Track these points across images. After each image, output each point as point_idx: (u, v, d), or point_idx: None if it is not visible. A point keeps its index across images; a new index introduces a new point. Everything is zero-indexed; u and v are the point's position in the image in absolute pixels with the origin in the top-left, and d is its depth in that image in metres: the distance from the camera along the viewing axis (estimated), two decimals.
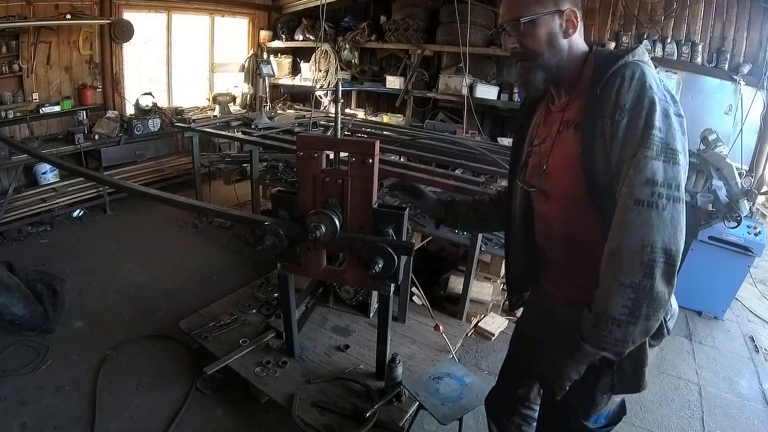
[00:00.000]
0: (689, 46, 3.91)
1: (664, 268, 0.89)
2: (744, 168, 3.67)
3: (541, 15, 1.01)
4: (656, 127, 0.90)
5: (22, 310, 2.53)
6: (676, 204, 0.89)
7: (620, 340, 0.93)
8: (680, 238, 0.90)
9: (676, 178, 0.90)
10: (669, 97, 0.94)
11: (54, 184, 4.13)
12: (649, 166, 0.89)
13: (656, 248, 0.88)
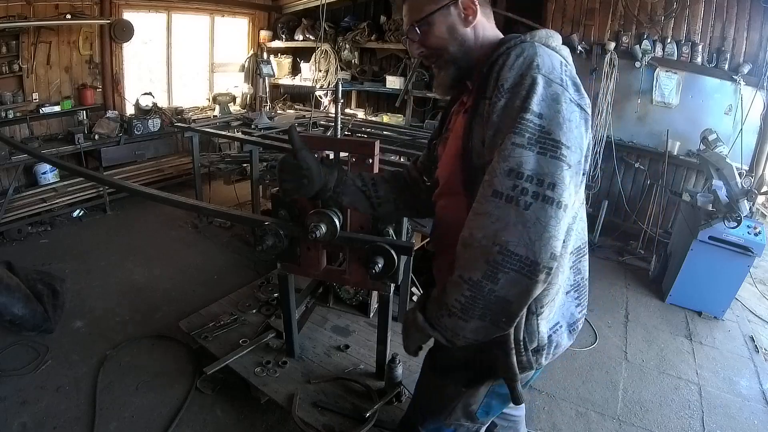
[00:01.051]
0: (689, 46, 3.91)
1: (513, 276, 0.76)
2: (744, 168, 3.67)
3: (435, 11, 0.96)
4: (533, 111, 0.78)
5: (22, 310, 2.52)
6: (548, 206, 0.75)
7: (450, 330, 0.86)
8: (547, 247, 0.74)
9: (552, 175, 0.76)
10: (569, 83, 0.82)
11: (54, 184, 4.13)
12: (515, 155, 0.77)
13: (507, 250, 0.75)
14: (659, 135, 4.11)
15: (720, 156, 3.26)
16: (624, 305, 3.38)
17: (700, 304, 3.30)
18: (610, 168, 4.34)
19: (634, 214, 4.34)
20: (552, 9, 4.40)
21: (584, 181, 0.94)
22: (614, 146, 4.26)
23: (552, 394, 2.45)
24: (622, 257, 4.12)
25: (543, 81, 0.79)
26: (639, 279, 3.77)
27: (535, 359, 0.97)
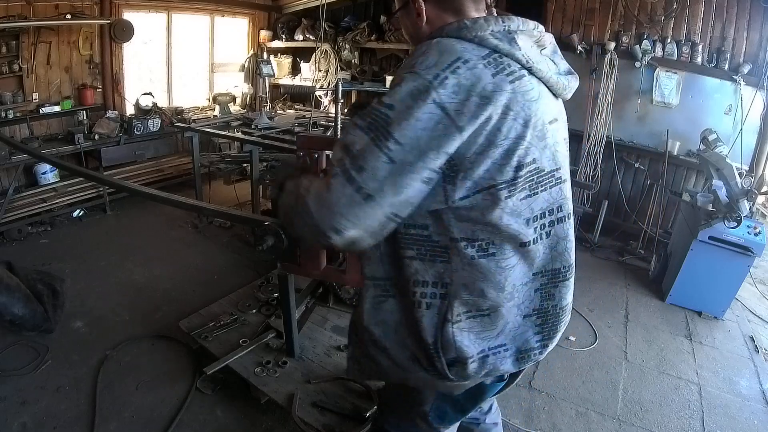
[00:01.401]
0: (689, 46, 3.91)
1: (303, 224, 0.84)
2: (744, 168, 3.67)
3: (399, 8, 1.05)
4: (386, 103, 0.81)
5: (22, 310, 2.52)
6: (348, 184, 0.78)
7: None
8: (329, 219, 0.79)
9: (365, 160, 0.78)
10: (449, 84, 0.79)
11: (54, 184, 4.13)
12: (352, 133, 0.82)
13: (305, 202, 0.84)
14: (659, 135, 4.11)
15: (720, 156, 3.26)
16: (624, 305, 3.38)
17: (700, 304, 3.30)
18: (610, 168, 4.34)
19: (634, 214, 4.34)
20: (552, 9, 4.40)
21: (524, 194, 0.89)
22: (614, 146, 4.26)
23: (552, 394, 2.45)
24: (622, 257, 4.12)
25: (411, 78, 0.81)
26: (639, 279, 3.77)
27: (454, 371, 0.95)
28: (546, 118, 0.92)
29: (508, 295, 0.93)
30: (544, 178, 0.93)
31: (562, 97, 1.02)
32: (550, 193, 0.95)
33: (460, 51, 0.83)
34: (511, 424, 2.20)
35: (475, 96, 0.80)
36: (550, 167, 0.94)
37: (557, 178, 0.97)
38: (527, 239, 0.92)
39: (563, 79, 0.98)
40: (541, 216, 0.94)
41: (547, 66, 0.94)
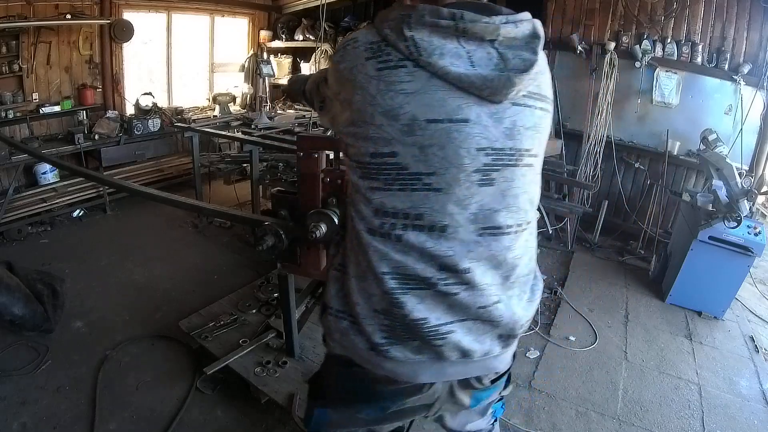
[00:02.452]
0: (689, 46, 3.91)
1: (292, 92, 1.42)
2: (744, 168, 3.67)
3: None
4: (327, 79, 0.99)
5: (22, 310, 2.52)
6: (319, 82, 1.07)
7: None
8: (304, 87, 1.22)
9: (322, 81, 1.03)
10: (335, 59, 0.94)
11: (54, 184, 4.12)
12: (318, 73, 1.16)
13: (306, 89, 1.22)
14: (659, 135, 4.11)
15: (720, 156, 3.26)
16: (624, 305, 3.38)
17: (700, 304, 3.30)
18: (610, 168, 4.34)
19: (634, 214, 4.34)
20: (552, 9, 4.40)
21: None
22: (614, 146, 4.26)
23: (552, 394, 2.45)
24: (622, 257, 4.12)
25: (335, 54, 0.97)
26: (639, 279, 3.77)
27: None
28: (427, 115, 0.81)
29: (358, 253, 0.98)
30: (405, 177, 0.84)
31: (491, 99, 0.83)
32: (412, 196, 0.85)
33: (361, 34, 0.89)
34: (511, 424, 2.20)
35: (340, 74, 0.89)
36: (417, 169, 0.83)
37: (425, 184, 0.84)
38: (374, 228, 0.89)
39: (496, 78, 0.81)
40: (393, 214, 0.87)
41: (458, 62, 0.80)
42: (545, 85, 0.92)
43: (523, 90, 0.85)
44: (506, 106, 0.85)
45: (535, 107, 0.89)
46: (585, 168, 4.39)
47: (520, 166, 0.90)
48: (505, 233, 0.92)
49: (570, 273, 3.75)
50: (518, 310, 0.97)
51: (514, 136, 0.87)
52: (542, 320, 3.08)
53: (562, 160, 4.40)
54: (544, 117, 0.93)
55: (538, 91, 0.89)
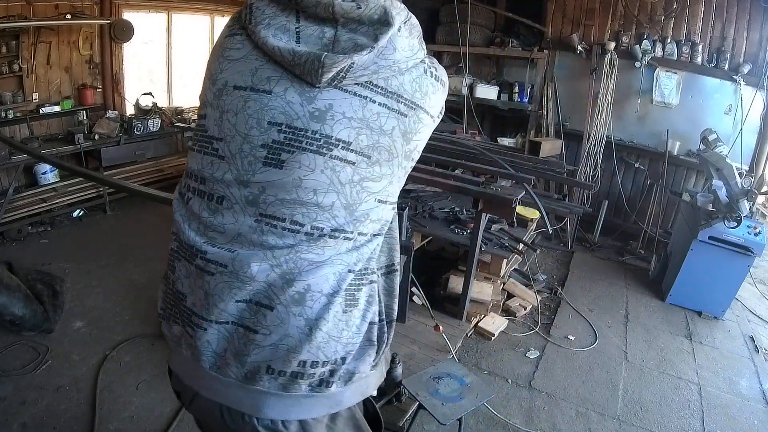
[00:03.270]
0: (689, 46, 3.92)
1: None
2: (744, 168, 3.67)
3: None
4: None
5: (22, 310, 2.52)
6: None
7: None
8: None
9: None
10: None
11: (54, 184, 4.12)
12: None
13: None
14: (659, 135, 4.11)
15: (720, 156, 3.26)
16: (624, 305, 3.38)
17: (700, 304, 3.30)
18: (610, 168, 4.34)
19: (634, 214, 4.34)
20: (552, 9, 4.40)
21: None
22: (614, 146, 4.26)
23: (552, 394, 2.45)
24: (622, 257, 4.11)
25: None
26: (639, 279, 3.77)
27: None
28: (236, 82, 0.79)
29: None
30: (203, 139, 0.83)
31: (304, 78, 0.76)
32: (203, 159, 0.83)
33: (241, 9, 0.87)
34: (511, 424, 2.20)
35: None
36: (212, 133, 0.82)
37: (213, 149, 0.81)
38: (180, 188, 0.87)
39: (305, 55, 0.75)
40: (189, 175, 0.85)
41: (282, 35, 0.77)
42: (407, 86, 0.80)
43: (353, 77, 0.76)
44: (325, 89, 0.77)
45: (372, 100, 0.78)
46: (585, 168, 4.39)
47: (326, 156, 0.77)
48: (290, 230, 0.79)
49: (570, 273, 3.75)
50: (293, 336, 0.78)
51: (323, 120, 0.77)
52: (542, 320, 3.08)
53: (562, 160, 4.40)
54: (384, 115, 0.79)
55: (384, 86, 0.79)
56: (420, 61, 0.84)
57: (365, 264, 0.84)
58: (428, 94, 0.84)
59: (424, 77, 0.83)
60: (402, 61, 0.80)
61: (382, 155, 0.81)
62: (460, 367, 2.00)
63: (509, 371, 2.59)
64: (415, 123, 0.83)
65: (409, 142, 0.84)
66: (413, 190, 3.42)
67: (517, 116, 4.75)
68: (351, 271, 0.81)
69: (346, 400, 0.88)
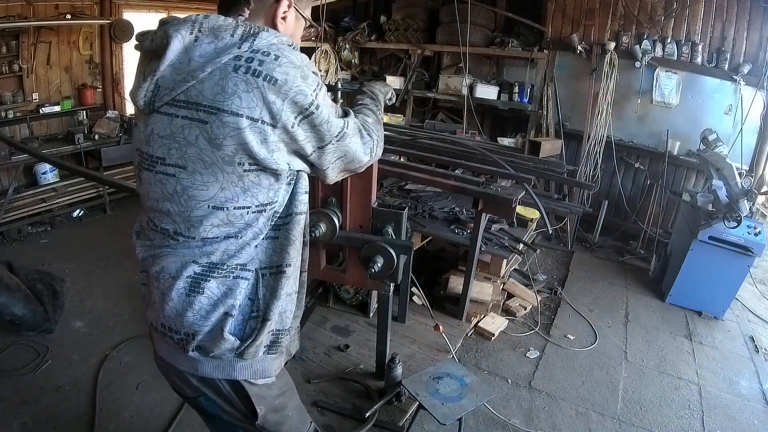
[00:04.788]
0: (689, 46, 3.91)
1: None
2: (744, 168, 3.67)
3: None
4: None
5: (22, 310, 2.52)
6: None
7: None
8: None
9: None
10: None
11: (54, 184, 4.12)
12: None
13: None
14: (659, 135, 4.11)
15: (720, 156, 3.26)
16: (624, 305, 3.38)
17: (700, 304, 3.30)
18: (610, 168, 4.34)
19: (634, 214, 4.34)
20: (552, 9, 4.40)
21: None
22: (614, 146, 4.26)
23: (552, 394, 2.45)
24: (622, 257, 4.11)
25: None
26: (639, 279, 3.77)
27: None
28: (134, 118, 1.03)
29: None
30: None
31: (135, 106, 0.94)
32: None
33: None
34: (511, 424, 2.20)
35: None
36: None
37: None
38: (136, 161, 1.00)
39: (133, 87, 0.94)
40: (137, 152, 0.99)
41: (137, 76, 0.97)
42: (207, 92, 0.84)
43: (161, 99, 0.88)
44: (152, 116, 0.91)
45: (176, 115, 0.88)
46: (585, 168, 4.39)
47: (153, 171, 0.93)
48: (152, 229, 1.02)
49: (570, 273, 3.75)
50: (157, 303, 1.01)
51: (149, 142, 0.92)
52: (542, 320, 3.08)
53: (562, 160, 4.39)
54: (188, 127, 0.87)
55: (185, 98, 0.86)
56: (232, 57, 0.84)
57: (221, 259, 0.95)
58: (236, 94, 0.83)
59: (230, 77, 0.84)
60: (198, 69, 0.84)
61: (197, 165, 0.88)
62: (460, 367, 2.00)
63: (509, 371, 2.59)
64: (219, 128, 0.85)
65: (221, 148, 0.86)
66: (413, 190, 3.42)
67: (517, 116, 4.75)
68: (195, 263, 0.95)
69: (237, 372, 1.02)
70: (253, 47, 0.85)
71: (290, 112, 0.87)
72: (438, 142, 3.96)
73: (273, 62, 0.84)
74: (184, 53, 0.85)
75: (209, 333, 0.96)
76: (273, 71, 0.84)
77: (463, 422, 1.81)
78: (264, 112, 0.85)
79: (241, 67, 0.83)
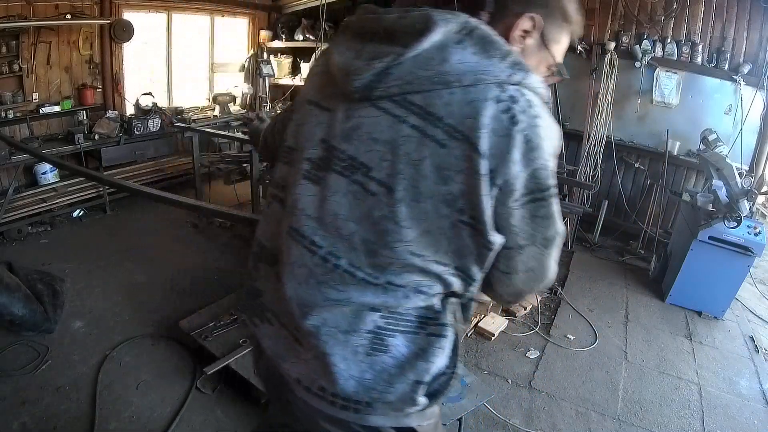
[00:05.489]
0: (689, 46, 3.91)
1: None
2: (744, 168, 3.67)
3: None
4: None
5: (22, 310, 2.52)
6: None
7: None
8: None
9: None
10: None
11: (54, 184, 4.12)
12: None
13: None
14: (659, 135, 4.11)
15: (720, 156, 3.26)
16: (624, 305, 3.38)
17: (700, 304, 3.30)
18: (610, 168, 4.34)
19: (634, 214, 4.34)
20: None
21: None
22: (614, 146, 4.26)
23: (552, 394, 2.45)
24: (622, 257, 4.11)
25: None
26: (639, 279, 3.77)
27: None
28: (307, 96, 0.84)
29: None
30: (284, 148, 0.87)
31: (342, 87, 0.74)
32: (282, 168, 0.86)
33: None
34: (511, 424, 2.20)
35: None
36: (289, 143, 0.85)
37: (288, 159, 0.84)
38: (268, 199, 0.91)
39: (346, 64, 0.75)
40: (273, 183, 0.89)
41: (344, 52, 0.78)
42: (456, 107, 0.67)
43: (384, 88, 0.69)
44: (362, 105, 0.72)
45: (404, 120, 0.69)
46: (585, 168, 4.39)
47: (348, 178, 0.72)
48: (309, 250, 0.75)
49: (570, 273, 3.75)
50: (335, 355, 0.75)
51: (350, 139, 0.73)
52: (542, 320, 3.08)
53: (562, 160, 4.40)
54: (417, 142, 0.68)
55: (422, 104, 0.68)
56: (497, 84, 0.67)
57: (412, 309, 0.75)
58: (487, 129, 0.65)
59: (488, 105, 0.66)
60: (453, 74, 0.66)
61: (407, 192, 0.69)
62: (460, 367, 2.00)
63: (509, 371, 2.59)
64: (458, 159, 0.67)
65: (447, 183, 0.67)
66: None
67: None
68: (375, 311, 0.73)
69: (412, 419, 0.81)
70: (521, 86, 0.68)
71: (522, 185, 0.69)
72: None
73: (534, 118, 0.67)
74: (440, 49, 0.67)
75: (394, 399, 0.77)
76: (532, 129, 0.67)
77: (463, 422, 1.81)
78: (501, 166, 0.67)
79: (502, 103, 0.66)
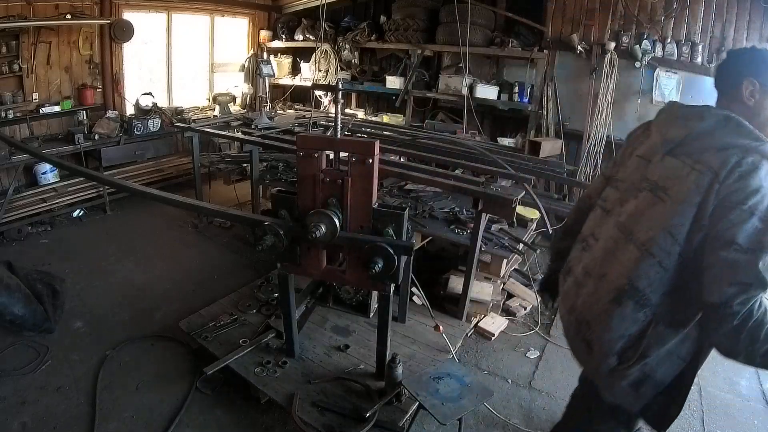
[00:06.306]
0: (689, 46, 3.91)
1: None
2: None
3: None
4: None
5: (22, 310, 2.52)
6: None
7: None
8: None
9: None
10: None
11: (54, 184, 4.13)
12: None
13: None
14: None
15: None
16: None
17: None
18: None
19: None
20: (552, 9, 4.40)
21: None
22: (614, 146, 4.26)
23: (552, 394, 2.45)
24: None
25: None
26: None
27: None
28: (639, 153, 1.43)
29: None
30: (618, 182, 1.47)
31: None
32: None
33: None
34: (511, 424, 2.20)
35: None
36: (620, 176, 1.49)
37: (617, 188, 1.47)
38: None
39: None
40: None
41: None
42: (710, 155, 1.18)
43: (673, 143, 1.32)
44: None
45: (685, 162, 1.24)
46: (585, 168, 4.39)
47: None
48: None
49: None
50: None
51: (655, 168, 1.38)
52: (542, 320, 3.08)
53: (562, 160, 4.39)
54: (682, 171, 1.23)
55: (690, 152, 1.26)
56: (740, 149, 1.14)
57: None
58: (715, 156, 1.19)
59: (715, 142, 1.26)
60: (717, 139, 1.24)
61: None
62: (460, 367, 2.00)
63: (509, 371, 2.59)
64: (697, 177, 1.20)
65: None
66: (413, 190, 3.42)
67: (517, 116, 4.76)
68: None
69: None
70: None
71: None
72: (438, 142, 3.96)
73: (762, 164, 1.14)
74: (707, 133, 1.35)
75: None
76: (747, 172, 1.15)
77: (463, 422, 1.81)
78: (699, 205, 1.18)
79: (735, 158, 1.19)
